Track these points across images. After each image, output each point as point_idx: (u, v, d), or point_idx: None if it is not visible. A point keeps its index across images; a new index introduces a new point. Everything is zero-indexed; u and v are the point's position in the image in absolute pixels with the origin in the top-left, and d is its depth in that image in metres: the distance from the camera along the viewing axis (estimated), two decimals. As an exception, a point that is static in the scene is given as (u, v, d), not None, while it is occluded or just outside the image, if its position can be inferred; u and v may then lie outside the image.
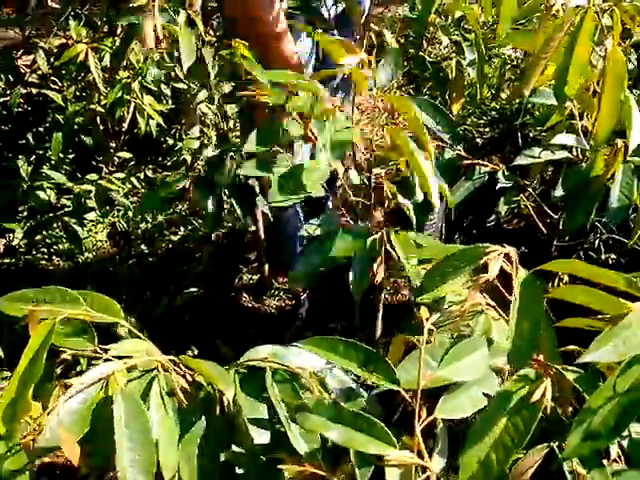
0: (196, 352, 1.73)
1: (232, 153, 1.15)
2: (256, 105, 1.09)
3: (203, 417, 0.71)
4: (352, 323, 1.56)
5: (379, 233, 0.89)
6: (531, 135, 2.02)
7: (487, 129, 2.64)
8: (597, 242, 1.74)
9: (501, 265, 0.75)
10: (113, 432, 0.61)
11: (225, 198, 1.23)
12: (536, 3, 1.26)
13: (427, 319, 0.58)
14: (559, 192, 1.01)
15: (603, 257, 1.74)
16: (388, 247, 0.87)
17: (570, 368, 0.70)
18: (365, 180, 1.04)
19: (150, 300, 1.91)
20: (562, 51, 0.87)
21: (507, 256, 0.77)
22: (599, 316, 0.76)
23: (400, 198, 0.90)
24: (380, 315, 1.12)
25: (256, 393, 0.70)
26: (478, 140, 2.42)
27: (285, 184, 0.94)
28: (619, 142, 0.92)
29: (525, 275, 0.72)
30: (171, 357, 0.77)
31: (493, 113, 2.62)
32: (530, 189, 1.17)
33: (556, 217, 1.14)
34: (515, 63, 2.11)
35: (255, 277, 1.62)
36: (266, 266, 1.52)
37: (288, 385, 0.67)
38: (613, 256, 1.72)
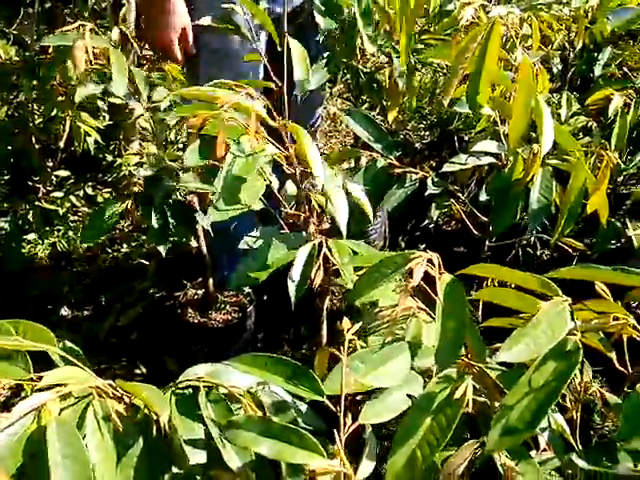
0: (144, 370, 1.72)
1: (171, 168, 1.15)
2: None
3: (141, 440, 0.72)
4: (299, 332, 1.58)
5: (317, 240, 0.91)
6: (466, 139, 2.10)
7: (427, 133, 2.72)
8: (533, 239, 1.82)
9: (426, 270, 0.79)
10: (48, 462, 0.61)
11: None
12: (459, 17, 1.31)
13: (348, 329, 0.60)
14: (484, 196, 1.06)
15: (538, 253, 1.82)
16: (327, 253, 0.89)
17: (493, 366, 0.74)
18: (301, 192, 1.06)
19: (95, 319, 1.89)
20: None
21: (431, 261, 0.81)
22: (520, 315, 0.81)
23: (331, 208, 0.92)
24: (324, 322, 1.14)
25: (192, 413, 0.70)
26: (417, 145, 2.49)
27: (227, 197, 0.95)
28: (535, 147, 0.97)
29: (449, 279, 0.76)
30: (108, 381, 0.77)
31: (432, 118, 2.70)
32: (460, 194, 1.22)
33: (486, 219, 1.18)
34: (445, 71, 2.18)
35: (200, 292, 1.62)
36: (210, 280, 1.52)
37: (222, 404, 0.68)
38: (547, 252, 1.80)
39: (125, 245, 2.07)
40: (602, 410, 0.71)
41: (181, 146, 2.23)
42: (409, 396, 0.62)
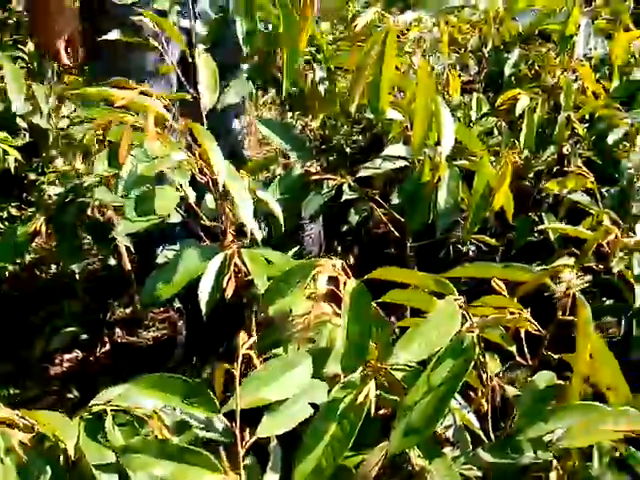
0: (77, 394, 1.67)
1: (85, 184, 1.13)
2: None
3: (48, 469, 0.70)
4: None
5: (230, 250, 0.91)
6: (392, 142, 2.14)
7: (360, 137, 2.76)
8: (460, 235, 1.87)
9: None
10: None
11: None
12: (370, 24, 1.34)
13: (244, 344, 0.60)
14: (395, 199, 1.08)
15: (465, 249, 1.87)
16: (238, 263, 0.89)
17: (399, 366, 0.75)
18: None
19: (26, 344, 1.82)
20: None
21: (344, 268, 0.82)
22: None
23: (245, 219, 0.91)
24: (253, 333, 1.14)
25: (101, 438, 0.69)
26: (348, 149, 2.52)
27: (138, 208, 0.94)
28: (439, 149, 1.00)
29: (354, 284, 0.77)
30: (15, 411, 0.75)
31: (364, 122, 2.74)
32: (378, 197, 1.24)
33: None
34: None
35: (127, 310, 1.59)
36: (137, 297, 1.49)
37: (130, 427, 0.67)
38: (473, 248, 1.85)
39: (54, 266, 2.01)
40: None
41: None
42: (314, 404, 0.63)
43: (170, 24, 1.16)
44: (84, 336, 1.75)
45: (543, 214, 1.43)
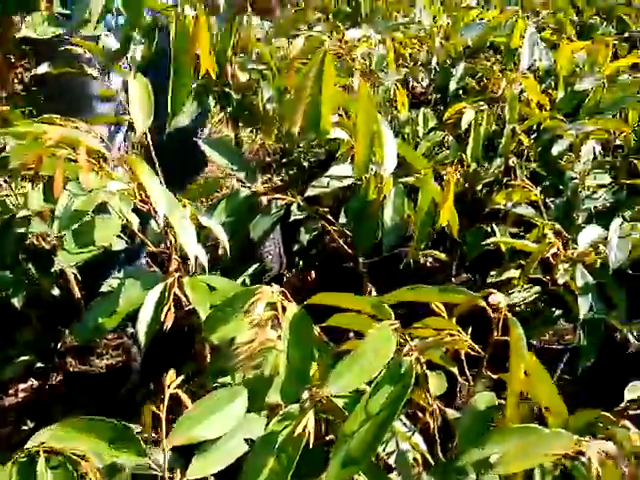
0: (31, 425, 1.63)
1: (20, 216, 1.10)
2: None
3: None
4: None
5: (170, 279, 0.89)
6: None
7: (320, 150, 2.76)
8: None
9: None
10: None
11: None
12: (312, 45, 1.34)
13: (170, 383, 0.59)
14: (342, 218, 1.08)
15: (423, 260, 1.88)
16: (178, 292, 0.87)
17: (342, 394, 0.74)
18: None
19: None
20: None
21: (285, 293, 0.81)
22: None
23: (187, 248, 0.89)
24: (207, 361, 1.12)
25: (34, 481, 0.66)
26: (305, 164, 2.52)
27: (77, 240, 0.92)
28: (382, 168, 1.00)
29: (295, 310, 0.76)
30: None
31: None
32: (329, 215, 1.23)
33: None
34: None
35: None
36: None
37: (63, 470, 0.64)
38: (430, 259, 1.87)
39: (4, 293, 1.95)
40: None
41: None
42: (247, 440, 0.61)
43: (99, 48, 1.14)
44: (39, 364, 1.71)
45: (494, 225, 1.44)
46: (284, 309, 0.76)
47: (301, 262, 2.29)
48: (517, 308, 1.25)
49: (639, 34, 2.33)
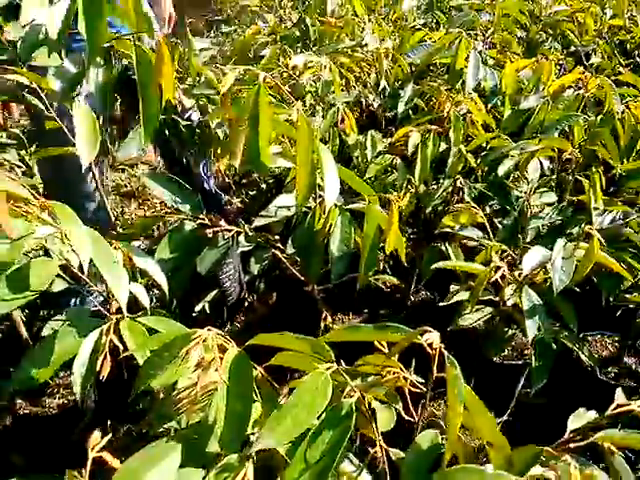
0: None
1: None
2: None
3: None
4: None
5: (107, 325, 0.86)
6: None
7: (280, 170, 2.75)
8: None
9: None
10: None
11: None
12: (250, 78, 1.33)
13: (94, 446, 0.56)
14: (290, 249, 1.06)
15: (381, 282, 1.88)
16: (114, 339, 0.84)
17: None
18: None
19: None
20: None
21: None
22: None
23: (118, 295, 0.86)
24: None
25: None
26: (264, 185, 2.51)
27: (10, 286, 0.88)
28: (325, 198, 0.98)
29: (234, 355, 0.74)
30: None
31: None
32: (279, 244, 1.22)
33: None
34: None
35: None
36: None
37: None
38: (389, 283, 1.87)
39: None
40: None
41: None
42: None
43: (46, 80, 1.11)
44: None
45: (447, 245, 1.45)
46: (223, 353, 0.74)
47: (262, 285, 2.26)
48: (472, 327, 1.25)
49: (584, 49, 2.39)
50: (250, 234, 1.16)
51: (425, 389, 0.69)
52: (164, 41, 0.86)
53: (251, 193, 2.66)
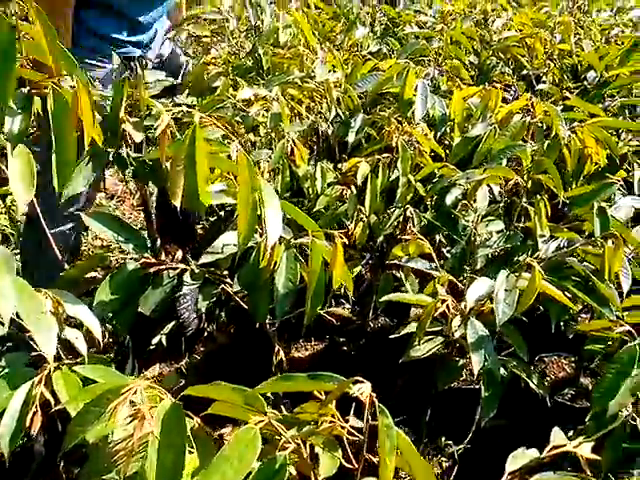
0: None
1: None
2: None
3: None
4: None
5: (38, 377, 0.83)
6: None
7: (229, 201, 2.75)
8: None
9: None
10: None
11: None
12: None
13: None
14: (236, 286, 1.05)
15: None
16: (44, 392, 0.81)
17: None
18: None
19: None
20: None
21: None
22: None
23: (44, 347, 0.83)
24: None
25: None
26: (222, 212, 2.49)
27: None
28: (268, 236, 0.97)
29: (167, 406, 0.72)
30: None
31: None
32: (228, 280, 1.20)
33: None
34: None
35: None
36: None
37: None
38: (348, 306, 1.86)
39: None
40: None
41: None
42: None
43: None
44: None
45: (402, 272, 1.45)
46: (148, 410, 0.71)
47: (223, 314, 2.24)
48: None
49: (535, 72, 2.45)
50: (197, 271, 1.14)
51: (361, 437, 0.68)
52: (83, 81, 0.85)
53: (211, 219, 2.64)
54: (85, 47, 1.67)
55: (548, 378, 1.87)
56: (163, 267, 1.13)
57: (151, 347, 2.07)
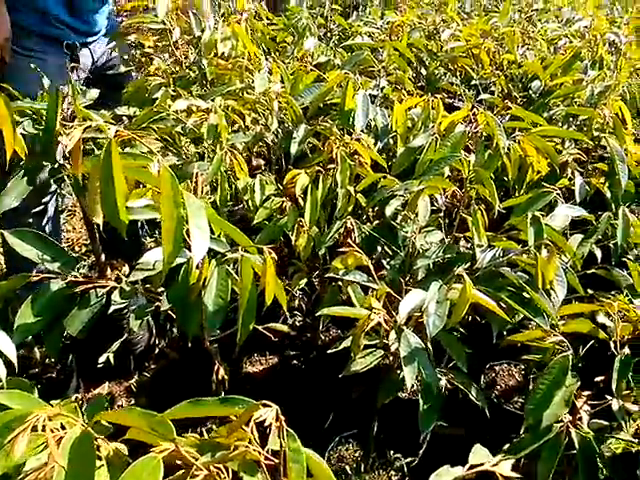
0: None
1: None
2: None
3: None
4: None
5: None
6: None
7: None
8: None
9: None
10: None
11: None
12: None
13: None
14: (165, 305, 1.01)
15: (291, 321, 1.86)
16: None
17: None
18: None
19: None
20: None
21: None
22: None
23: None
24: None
25: None
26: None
27: None
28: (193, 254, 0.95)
29: (77, 433, 0.68)
30: None
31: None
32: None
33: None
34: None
35: None
36: None
37: None
38: (300, 318, 1.84)
39: None
40: None
41: None
42: None
43: None
44: None
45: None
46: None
47: (174, 330, 2.19)
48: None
49: (482, 82, 2.49)
50: (127, 289, 1.11)
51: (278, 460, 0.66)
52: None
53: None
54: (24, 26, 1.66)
55: (498, 386, 1.88)
56: (90, 286, 1.09)
57: (99, 365, 2.01)
